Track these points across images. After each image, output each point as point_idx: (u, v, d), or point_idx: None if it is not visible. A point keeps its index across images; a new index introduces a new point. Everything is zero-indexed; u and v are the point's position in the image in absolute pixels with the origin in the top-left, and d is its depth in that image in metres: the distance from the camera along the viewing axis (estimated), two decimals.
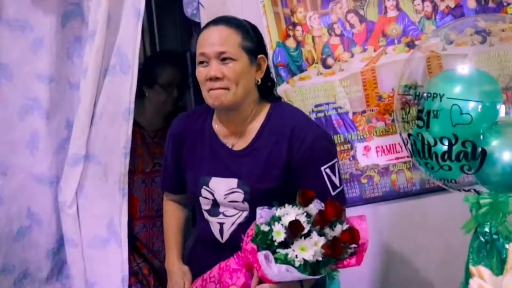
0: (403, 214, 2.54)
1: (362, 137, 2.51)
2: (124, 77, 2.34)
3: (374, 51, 2.46)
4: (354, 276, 2.43)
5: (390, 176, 2.52)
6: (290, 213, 1.83)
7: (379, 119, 2.47)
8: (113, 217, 2.39)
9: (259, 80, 2.02)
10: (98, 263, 2.43)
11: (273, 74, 2.19)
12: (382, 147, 2.50)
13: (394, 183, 2.52)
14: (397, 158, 2.45)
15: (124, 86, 2.35)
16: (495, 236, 1.97)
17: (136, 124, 2.63)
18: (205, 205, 2.07)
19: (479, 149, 1.85)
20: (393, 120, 2.37)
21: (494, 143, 1.90)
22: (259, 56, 2.00)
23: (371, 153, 2.52)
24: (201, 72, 1.96)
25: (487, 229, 1.99)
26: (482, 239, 2.00)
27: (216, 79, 1.94)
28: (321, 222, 1.82)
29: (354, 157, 2.52)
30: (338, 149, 2.44)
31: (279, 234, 1.79)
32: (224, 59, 1.95)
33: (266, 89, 2.07)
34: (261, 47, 2.04)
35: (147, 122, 2.81)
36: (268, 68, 2.06)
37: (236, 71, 1.94)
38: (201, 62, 1.97)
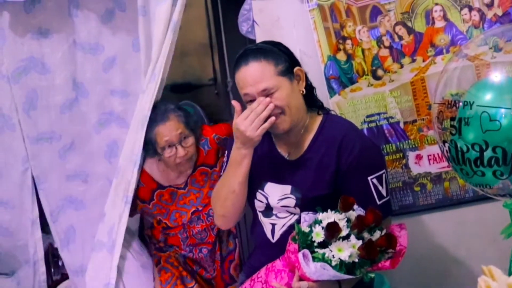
0: (456, 221, 2.61)
1: (413, 146, 2.60)
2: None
3: (423, 61, 2.54)
4: (406, 282, 2.53)
5: (443, 183, 2.60)
6: (331, 217, 1.97)
7: (430, 128, 2.54)
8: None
9: (304, 90, 2.14)
10: (90, 266, 2.64)
11: (310, 81, 2.25)
12: (434, 155, 2.58)
13: (447, 190, 2.60)
14: (449, 166, 2.43)
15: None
16: None
17: (160, 186, 2.66)
18: (259, 208, 2.24)
19: (510, 155, 1.88)
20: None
21: None
22: (295, 69, 2.10)
23: (423, 161, 2.60)
24: None
25: None
26: None
27: None
28: (359, 226, 1.96)
29: (406, 166, 2.61)
30: (390, 158, 2.57)
31: (318, 235, 1.94)
32: (268, 94, 2.04)
33: (308, 95, 2.18)
34: (293, 59, 2.14)
35: (171, 180, 2.69)
36: (306, 76, 2.17)
37: (282, 98, 2.06)
38: (250, 101, 2.08)
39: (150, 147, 2.54)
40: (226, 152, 2.31)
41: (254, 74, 2.06)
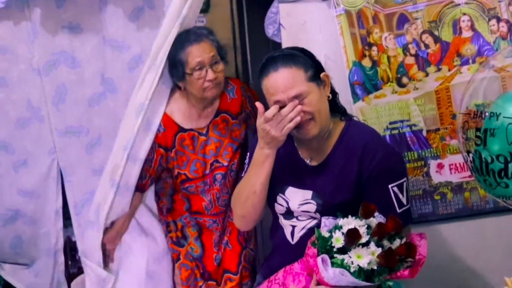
0: (475, 231, 2.63)
1: (435, 155, 2.63)
2: None
3: (449, 70, 2.57)
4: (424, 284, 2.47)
5: (464, 193, 2.63)
6: (351, 223, 1.98)
7: (453, 137, 2.56)
8: None
9: (330, 95, 2.15)
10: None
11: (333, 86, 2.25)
12: (455, 164, 2.60)
13: (467, 200, 2.63)
14: (470, 176, 2.49)
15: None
16: None
17: (181, 129, 2.67)
18: (279, 211, 2.26)
19: None
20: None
21: None
22: (322, 74, 2.12)
23: (444, 170, 2.63)
24: None
25: None
26: None
27: None
28: (379, 233, 1.97)
29: (427, 174, 2.64)
30: (411, 165, 2.60)
31: (338, 240, 1.96)
32: (299, 100, 2.05)
33: (332, 100, 2.19)
34: (318, 65, 2.15)
35: (193, 122, 2.70)
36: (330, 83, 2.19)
37: (313, 104, 2.07)
38: (281, 107, 2.05)
39: (179, 69, 2.54)
40: (248, 154, 2.33)
41: (285, 81, 2.06)
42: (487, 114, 2.03)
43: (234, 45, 3.74)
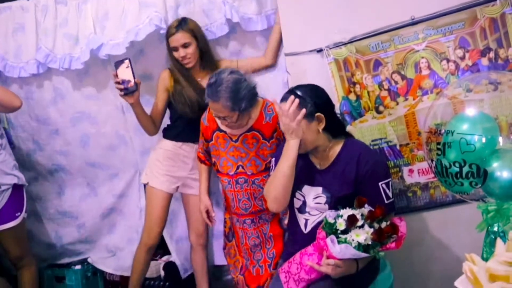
0: (439, 218, 2.75)
1: (407, 163, 2.74)
2: None
3: (413, 99, 2.68)
4: (402, 265, 2.69)
5: (429, 190, 2.73)
6: (349, 212, 2.21)
7: (419, 149, 2.68)
8: None
9: (320, 130, 2.32)
10: None
11: (341, 118, 2.47)
12: (422, 169, 2.71)
13: (432, 195, 2.73)
14: (434, 177, 2.57)
15: None
16: (501, 234, 2.09)
17: (219, 129, 2.72)
18: (297, 204, 2.45)
19: (482, 170, 2.03)
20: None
21: (495, 164, 2.04)
22: (316, 114, 2.31)
23: (414, 174, 2.73)
24: None
25: (495, 229, 2.13)
26: (492, 236, 2.13)
27: None
28: (370, 218, 2.20)
29: (401, 177, 2.77)
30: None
31: (341, 225, 2.19)
32: None
33: (335, 129, 2.39)
34: (319, 106, 2.31)
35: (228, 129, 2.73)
36: (334, 115, 2.39)
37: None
38: None
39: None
40: (273, 159, 2.48)
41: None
42: (444, 131, 2.13)
43: None
